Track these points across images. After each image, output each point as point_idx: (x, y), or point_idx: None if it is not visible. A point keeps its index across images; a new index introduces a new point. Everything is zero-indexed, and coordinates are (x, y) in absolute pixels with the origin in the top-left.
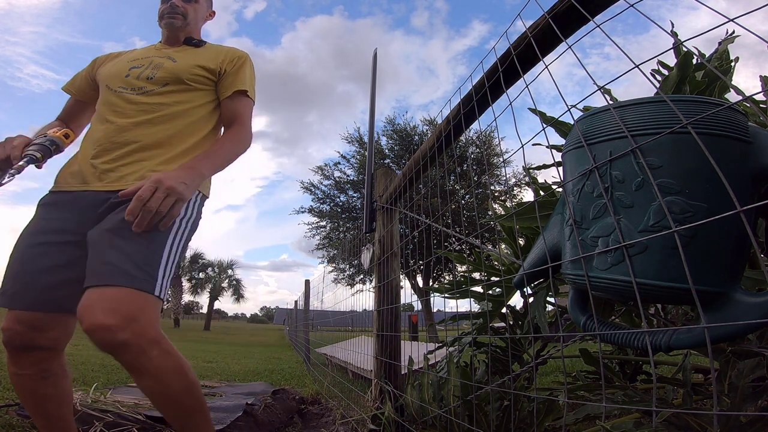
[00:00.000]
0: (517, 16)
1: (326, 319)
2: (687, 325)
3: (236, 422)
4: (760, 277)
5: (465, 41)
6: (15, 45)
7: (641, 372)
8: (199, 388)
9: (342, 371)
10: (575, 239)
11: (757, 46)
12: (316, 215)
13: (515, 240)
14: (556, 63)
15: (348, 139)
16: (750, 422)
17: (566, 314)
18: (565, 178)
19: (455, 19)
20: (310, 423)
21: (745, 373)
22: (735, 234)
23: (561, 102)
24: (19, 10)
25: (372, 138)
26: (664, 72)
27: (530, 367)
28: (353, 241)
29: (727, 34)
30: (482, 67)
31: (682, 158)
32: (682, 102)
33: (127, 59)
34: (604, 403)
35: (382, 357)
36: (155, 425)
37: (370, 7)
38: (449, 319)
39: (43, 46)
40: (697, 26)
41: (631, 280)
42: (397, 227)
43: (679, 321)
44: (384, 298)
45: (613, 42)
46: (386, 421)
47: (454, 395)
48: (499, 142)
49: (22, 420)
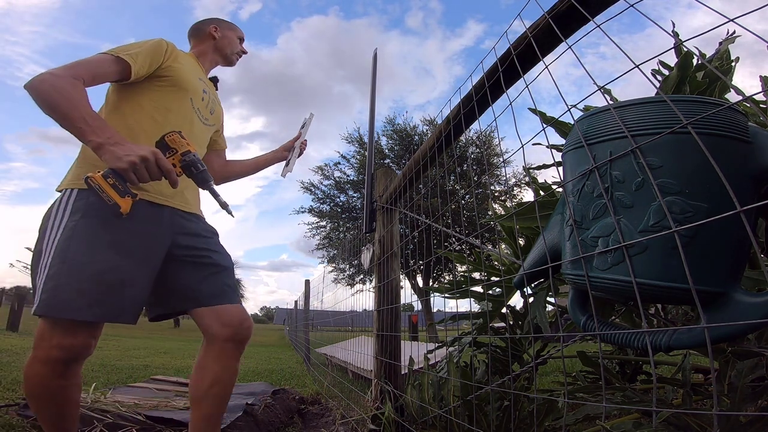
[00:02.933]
0: (517, 15)
1: (326, 319)
2: (687, 325)
3: (236, 422)
4: (760, 277)
5: (461, 41)
6: (15, 45)
7: (641, 372)
8: None
9: (342, 371)
10: (575, 239)
11: (755, 45)
12: (316, 215)
13: (515, 240)
14: (554, 63)
15: (348, 139)
16: (750, 422)
17: (566, 314)
18: (565, 178)
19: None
20: (310, 423)
21: (745, 373)
22: (735, 234)
23: (561, 102)
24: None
25: (372, 138)
26: (664, 72)
27: (530, 368)
28: (353, 241)
29: (728, 34)
30: (482, 67)
31: (683, 158)
32: (683, 102)
33: (194, 73)
34: (603, 404)
35: (382, 357)
36: (155, 425)
37: (365, 8)
38: (449, 319)
39: (43, 46)
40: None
41: (631, 280)
42: (397, 227)
43: (679, 321)
44: (384, 298)
45: (614, 43)
46: (386, 421)
47: (454, 395)
48: (499, 142)
49: (22, 420)
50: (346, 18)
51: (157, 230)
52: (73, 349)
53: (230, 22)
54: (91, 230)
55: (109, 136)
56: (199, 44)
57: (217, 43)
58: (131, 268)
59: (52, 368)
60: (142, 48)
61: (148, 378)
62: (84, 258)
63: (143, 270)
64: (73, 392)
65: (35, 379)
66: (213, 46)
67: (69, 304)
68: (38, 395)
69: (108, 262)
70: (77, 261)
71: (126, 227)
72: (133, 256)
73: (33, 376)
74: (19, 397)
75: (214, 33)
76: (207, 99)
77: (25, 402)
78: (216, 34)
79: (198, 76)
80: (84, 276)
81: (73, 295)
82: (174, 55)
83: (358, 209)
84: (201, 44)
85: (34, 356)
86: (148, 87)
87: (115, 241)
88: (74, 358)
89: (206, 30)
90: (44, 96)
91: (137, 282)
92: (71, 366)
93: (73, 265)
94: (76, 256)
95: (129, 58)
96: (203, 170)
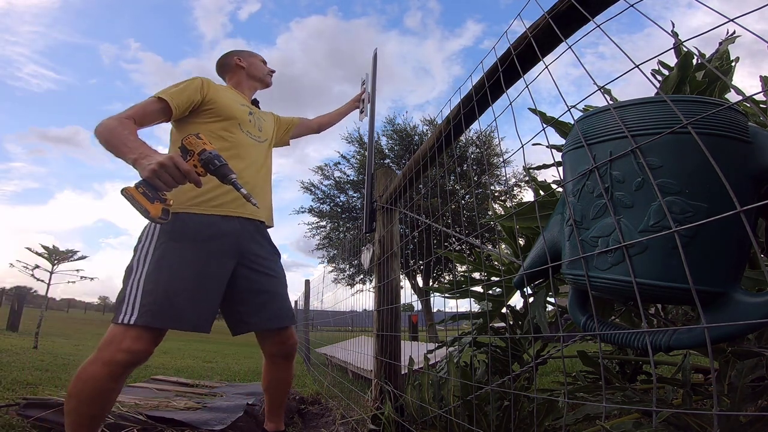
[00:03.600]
0: (517, 15)
1: (326, 319)
2: (687, 325)
3: (236, 422)
4: (760, 277)
5: (460, 41)
6: (14, 44)
7: (641, 372)
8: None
9: (342, 371)
10: (575, 239)
11: (753, 45)
12: (316, 215)
13: (515, 240)
14: (554, 63)
15: (348, 139)
16: (750, 422)
17: (566, 314)
18: (565, 178)
19: (449, 19)
20: (310, 423)
21: (745, 373)
22: (735, 234)
23: (561, 102)
24: (18, 9)
25: (372, 138)
26: (664, 72)
27: (530, 367)
28: (353, 241)
29: (727, 34)
30: (482, 67)
31: (683, 158)
32: (683, 102)
33: (236, 101)
34: (603, 403)
35: (382, 357)
36: (156, 425)
37: (364, 8)
38: (449, 319)
39: (43, 46)
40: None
41: (631, 280)
42: (397, 227)
43: (679, 321)
44: (384, 298)
45: (614, 43)
46: (386, 421)
47: (454, 395)
48: (499, 142)
49: (22, 420)
50: (345, 18)
51: (229, 248)
52: (138, 353)
53: (247, 50)
54: (177, 252)
55: (141, 151)
56: (233, 76)
57: (247, 71)
58: (207, 284)
59: (111, 370)
60: (179, 87)
61: (148, 378)
62: (172, 277)
63: (216, 287)
64: (115, 398)
65: (91, 380)
66: (245, 74)
67: (164, 317)
68: (87, 395)
69: (190, 281)
70: (166, 280)
71: (203, 247)
72: (208, 275)
73: (89, 377)
74: (19, 397)
75: (240, 63)
76: (254, 119)
77: (25, 402)
78: (243, 63)
79: (240, 103)
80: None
81: (165, 308)
82: (212, 88)
83: (358, 209)
84: (234, 76)
85: (98, 357)
86: (198, 121)
87: (194, 260)
88: (135, 363)
89: (232, 63)
90: (98, 135)
91: (211, 297)
92: (128, 371)
93: (164, 283)
94: (166, 275)
95: (167, 97)
96: (221, 165)
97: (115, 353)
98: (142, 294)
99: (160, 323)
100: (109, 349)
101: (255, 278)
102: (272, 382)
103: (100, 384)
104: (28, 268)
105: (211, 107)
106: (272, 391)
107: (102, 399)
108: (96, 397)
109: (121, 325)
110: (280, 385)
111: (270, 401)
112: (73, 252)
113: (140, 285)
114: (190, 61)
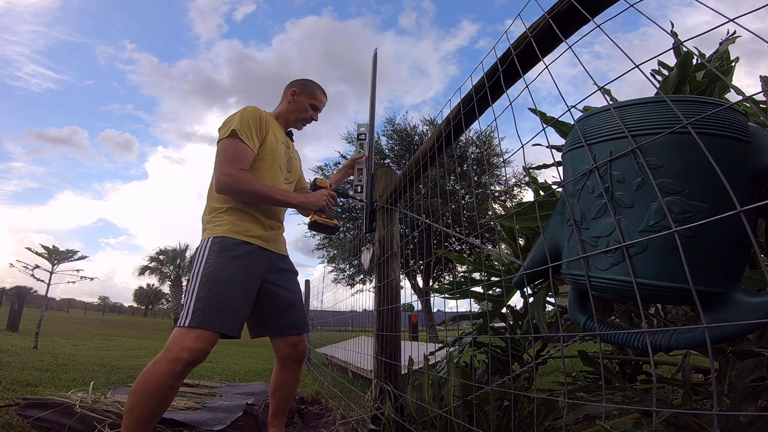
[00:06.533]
0: (517, 16)
1: (326, 319)
2: (687, 325)
3: (236, 422)
4: (760, 277)
5: (455, 41)
6: (14, 44)
7: (641, 372)
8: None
9: (342, 371)
10: (575, 239)
11: (750, 44)
12: None
13: (515, 240)
14: (552, 63)
15: (348, 139)
16: (750, 422)
17: (566, 314)
18: (565, 178)
19: (444, 19)
20: (310, 423)
21: (745, 373)
22: (735, 234)
23: (561, 102)
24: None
25: (372, 138)
26: (664, 72)
27: (530, 368)
28: (353, 241)
29: (728, 34)
30: (482, 66)
31: (683, 158)
32: (683, 102)
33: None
34: (603, 404)
35: (382, 357)
36: (156, 426)
37: (359, 8)
38: (449, 320)
39: (43, 46)
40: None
41: (631, 280)
42: (397, 227)
43: (679, 321)
44: (384, 298)
45: (615, 43)
46: (386, 421)
47: (454, 395)
48: (499, 142)
49: (22, 420)
50: (340, 18)
51: (261, 268)
52: (197, 352)
53: (316, 84)
54: (225, 266)
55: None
56: (280, 104)
57: (289, 107)
58: (245, 295)
59: (174, 367)
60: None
61: None
62: (222, 288)
63: (250, 297)
64: (173, 397)
65: (156, 376)
66: (287, 108)
67: (213, 320)
68: (151, 390)
69: (235, 292)
70: (217, 290)
71: (243, 265)
72: (246, 287)
73: (155, 373)
74: (18, 397)
75: (290, 97)
76: (286, 159)
77: (25, 402)
78: (291, 98)
79: (281, 141)
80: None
81: (215, 313)
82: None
83: (358, 209)
84: (281, 104)
85: (163, 357)
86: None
87: (238, 274)
88: (195, 361)
89: (288, 91)
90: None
91: (246, 306)
92: (188, 368)
93: (215, 293)
94: (217, 285)
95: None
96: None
97: (179, 352)
98: (195, 300)
99: (210, 326)
100: (174, 348)
101: (277, 292)
102: (281, 382)
103: (164, 380)
104: (28, 268)
105: (263, 149)
106: (280, 392)
107: (162, 395)
108: (157, 393)
109: (181, 327)
110: (288, 387)
111: (276, 404)
112: (73, 252)
113: (194, 293)
114: (185, 62)
